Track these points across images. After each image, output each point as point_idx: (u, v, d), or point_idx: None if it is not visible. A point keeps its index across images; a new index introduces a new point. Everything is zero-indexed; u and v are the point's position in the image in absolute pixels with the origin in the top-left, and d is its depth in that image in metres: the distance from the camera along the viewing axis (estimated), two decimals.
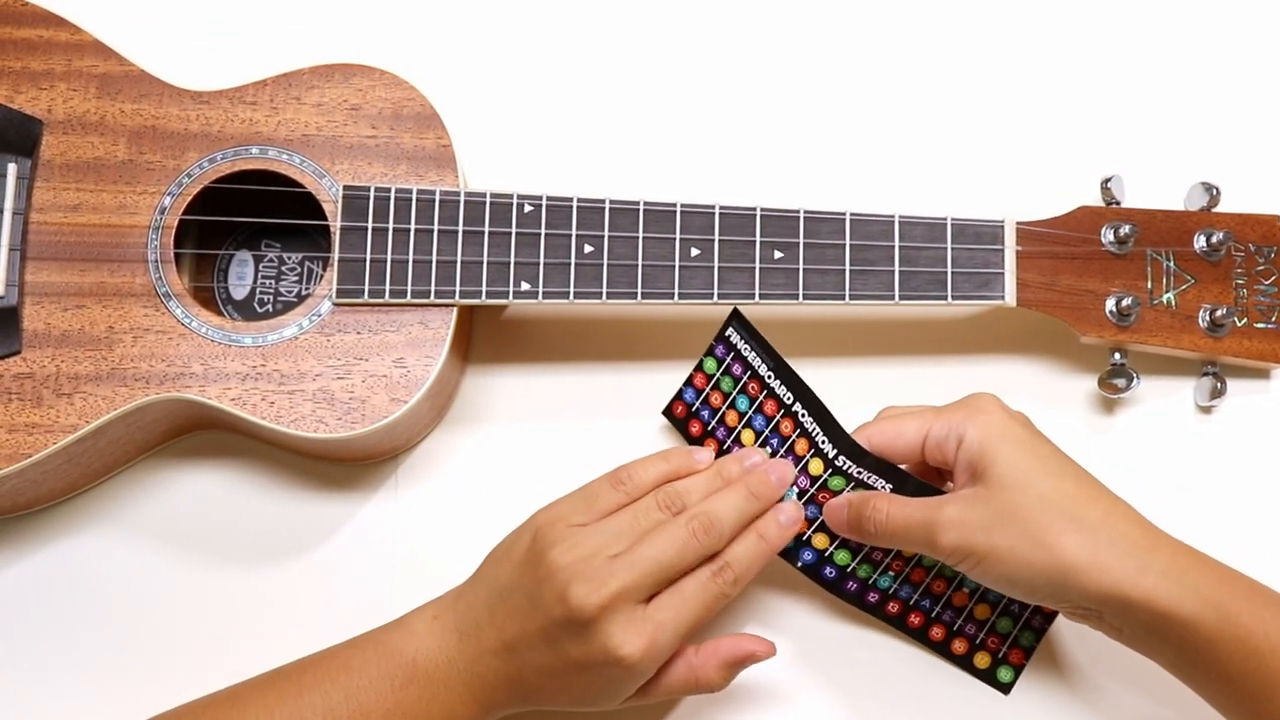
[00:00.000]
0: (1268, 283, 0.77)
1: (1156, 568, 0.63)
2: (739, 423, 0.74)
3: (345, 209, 0.73)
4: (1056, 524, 0.64)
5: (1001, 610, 0.74)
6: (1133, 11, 0.87)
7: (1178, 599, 0.63)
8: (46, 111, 0.74)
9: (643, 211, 0.74)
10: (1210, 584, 0.63)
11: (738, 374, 0.74)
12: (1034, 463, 0.66)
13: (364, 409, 0.71)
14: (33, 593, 0.77)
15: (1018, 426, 0.67)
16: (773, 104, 0.85)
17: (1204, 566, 0.64)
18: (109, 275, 0.72)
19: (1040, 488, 0.65)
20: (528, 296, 0.73)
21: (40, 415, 0.70)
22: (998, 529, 0.65)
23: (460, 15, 0.86)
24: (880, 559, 0.73)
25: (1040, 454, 0.67)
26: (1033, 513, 0.64)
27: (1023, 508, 0.65)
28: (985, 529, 0.65)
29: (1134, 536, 0.64)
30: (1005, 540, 0.65)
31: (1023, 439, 0.67)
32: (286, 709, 0.66)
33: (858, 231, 0.75)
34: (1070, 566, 0.64)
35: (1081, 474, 0.67)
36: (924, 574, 0.74)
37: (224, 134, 0.74)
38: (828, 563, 0.74)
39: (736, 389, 0.74)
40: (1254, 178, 0.82)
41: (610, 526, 0.67)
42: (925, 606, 0.74)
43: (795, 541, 0.73)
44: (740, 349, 0.74)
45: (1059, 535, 0.64)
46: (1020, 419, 0.68)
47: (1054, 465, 0.66)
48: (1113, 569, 0.63)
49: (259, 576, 0.78)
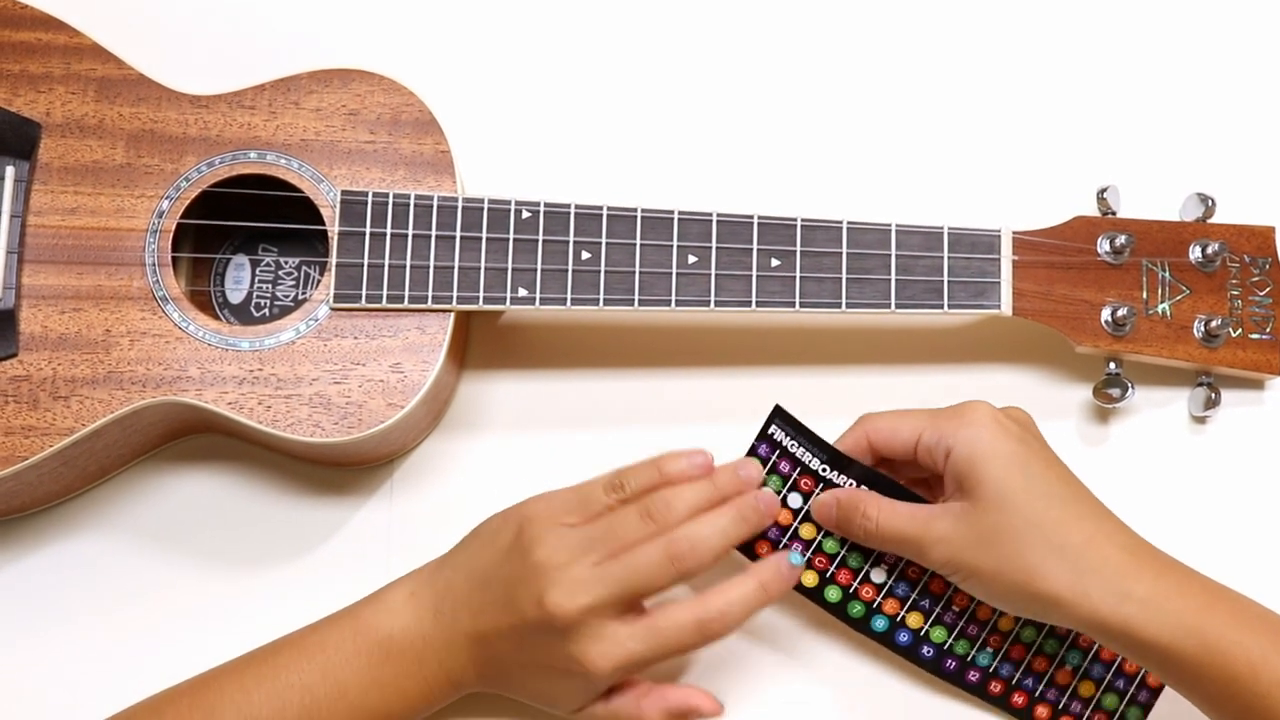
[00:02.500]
0: (1263, 294, 0.77)
1: (1137, 595, 0.63)
2: (794, 520, 0.73)
3: (343, 214, 0.73)
4: (1038, 550, 0.64)
5: (1106, 687, 0.74)
6: (1129, 22, 0.87)
7: (1156, 628, 0.63)
8: (45, 114, 0.74)
9: (640, 218, 0.74)
10: (1191, 610, 0.63)
11: (786, 471, 0.73)
12: (1021, 482, 0.66)
13: (360, 414, 0.71)
14: (28, 596, 0.77)
15: (1008, 441, 0.67)
16: (770, 112, 0.86)
17: (1186, 590, 0.64)
18: (106, 278, 0.72)
19: (1025, 511, 0.65)
20: (525, 302, 0.73)
21: (36, 418, 0.70)
22: (983, 549, 0.65)
23: (459, 21, 0.87)
24: (976, 634, 0.73)
25: (1030, 471, 0.66)
26: (1016, 537, 0.65)
27: (1006, 531, 0.65)
28: (971, 548, 0.65)
29: (1116, 562, 0.64)
30: (990, 562, 0.65)
31: (1012, 455, 0.66)
32: (264, 689, 0.67)
33: (854, 240, 0.75)
34: (1050, 595, 0.64)
35: (1069, 492, 0.67)
36: (1024, 650, 0.73)
37: (222, 138, 0.74)
38: (924, 642, 0.73)
39: (786, 487, 0.73)
40: (1249, 189, 0.82)
41: (595, 532, 0.67)
42: (1029, 686, 0.74)
43: (889, 623, 0.73)
44: (786, 445, 0.73)
45: (1040, 562, 0.64)
46: (1014, 430, 0.68)
47: (1041, 485, 0.66)
48: (1091, 597, 0.63)
49: (254, 580, 0.78)
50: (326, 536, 0.78)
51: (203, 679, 0.68)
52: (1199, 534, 0.78)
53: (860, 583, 0.73)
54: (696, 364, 0.81)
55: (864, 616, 0.73)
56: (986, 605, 0.72)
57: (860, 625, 0.73)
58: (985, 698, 0.74)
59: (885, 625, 0.73)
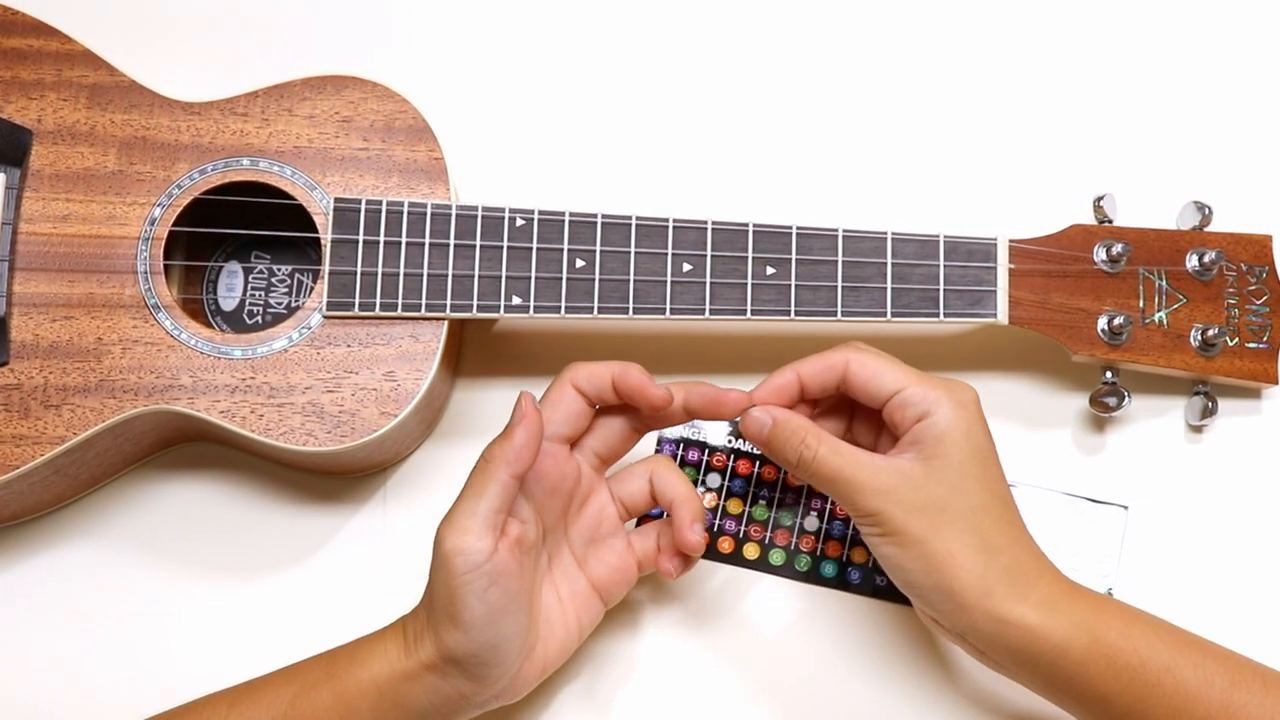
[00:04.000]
0: (1259, 302, 0.77)
1: (1034, 597, 0.65)
2: (719, 499, 0.77)
3: (336, 221, 0.73)
4: (966, 536, 0.65)
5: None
6: (1125, 30, 0.87)
7: (1049, 628, 0.64)
8: (36, 121, 0.73)
9: (635, 226, 0.74)
10: (1081, 611, 0.65)
11: (696, 459, 0.78)
12: (978, 471, 0.66)
13: (354, 422, 0.71)
14: (20, 605, 0.76)
15: (982, 433, 0.68)
16: (766, 120, 0.85)
17: (1078, 597, 0.66)
18: (98, 286, 0.72)
19: (972, 499, 0.66)
20: (519, 311, 0.73)
21: (28, 427, 0.70)
22: (917, 515, 0.65)
23: (453, 28, 0.86)
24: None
25: (988, 466, 0.67)
26: (953, 516, 0.65)
27: (947, 510, 0.65)
28: (905, 509, 0.65)
29: (1025, 567, 0.66)
30: (917, 530, 0.65)
31: (979, 444, 0.67)
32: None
33: (850, 248, 0.74)
34: (956, 581, 0.65)
35: (1008, 497, 0.68)
36: None
37: (215, 145, 0.74)
38: (876, 572, 0.77)
39: (702, 471, 0.78)
40: (1246, 197, 0.82)
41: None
42: None
43: (836, 565, 0.77)
44: (689, 435, 0.77)
45: (963, 548, 0.65)
46: (984, 420, 0.68)
47: (992, 484, 0.67)
48: (994, 593, 0.64)
49: (247, 589, 0.77)
50: (320, 544, 0.78)
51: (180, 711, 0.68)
52: (1196, 542, 0.78)
53: (798, 537, 0.77)
54: (691, 373, 0.81)
55: (811, 567, 0.77)
56: None
57: (810, 577, 0.77)
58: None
59: (834, 569, 0.77)
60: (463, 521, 0.64)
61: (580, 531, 0.71)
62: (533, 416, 0.66)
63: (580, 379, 0.69)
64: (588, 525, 0.71)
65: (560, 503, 0.69)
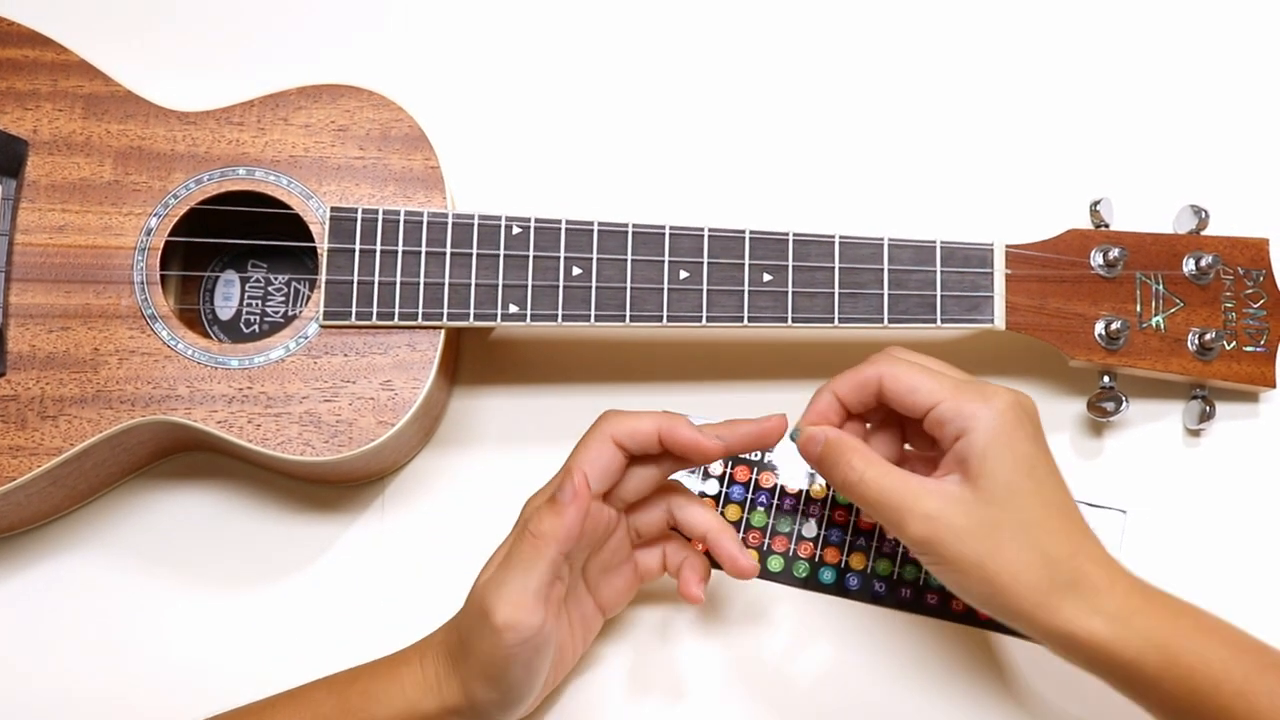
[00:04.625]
0: (1256, 306, 0.77)
1: (1106, 611, 0.62)
2: (718, 507, 0.78)
3: (332, 230, 0.73)
4: (1024, 555, 0.63)
5: None
6: (1121, 35, 0.87)
7: (1123, 642, 0.62)
8: (32, 132, 0.73)
9: (631, 234, 0.74)
10: (1156, 625, 0.62)
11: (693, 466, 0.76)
12: (1028, 484, 0.64)
13: (351, 432, 0.71)
14: (19, 616, 0.76)
15: (1024, 440, 0.65)
16: (762, 126, 0.85)
17: (1153, 607, 0.63)
18: (94, 297, 0.72)
19: (1024, 514, 0.64)
20: (516, 319, 0.73)
21: (25, 438, 0.70)
22: (969, 539, 0.63)
23: (448, 37, 0.86)
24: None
25: (1037, 475, 0.65)
26: (1007, 536, 0.63)
27: (999, 528, 0.63)
28: (957, 534, 0.63)
29: (1093, 579, 0.63)
30: (972, 554, 0.63)
31: (1025, 454, 0.64)
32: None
33: (847, 254, 0.74)
34: (1022, 603, 0.63)
35: (1065, 502, 0.65)
36: None
37: (210, 155, 0.74)
38: (873, 579, 0.76)
39: (699, 479, 0.78)
40: (1243, 201, 0.82)
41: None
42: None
43: (835, 572, 0.76)
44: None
45: (1024, 567, 0.63)
46: (1029, 429, 0.65)
47: (1045, 493, 0.65)
48: (1063, 611, 0.62)
49: (246, 598, 0.77)
50: (318, 553, 0.78)
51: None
52: (1194, 547, 0.78)
53: (796, 543, 0.77)
54: (688, 380, 0.81)
55: (810, 574, 0.76)
56: None
57: (809, 584, 0.76)
58: (950, 617, 0.76)
59: (832, 576, 0.76)
60: (516, 596, 0.63)
61: (597, 564, 0.71)
62: (584, 496, 0.65)
63: (622, 436, 0.67)
64: (604, 559, 0.71)
65: (589, 549, 0.69)
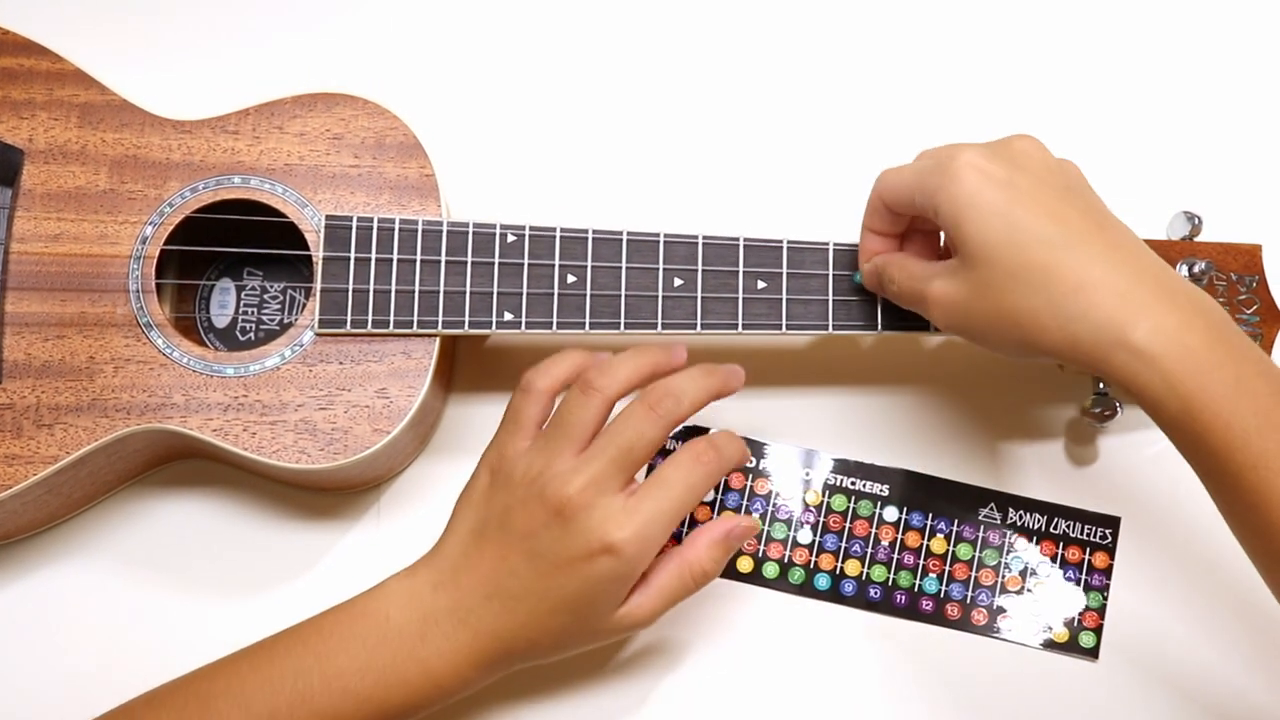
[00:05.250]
0: (1249, 312, 0.77)
1: (1131, 343, 0.60)
2: (713, 514, 0.78)
3: (328, 239, 0.73)
4: (1023, 300, 0.62)
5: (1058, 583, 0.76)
6: (1114, 41, 0.87)
7: (1144, 381, 0.60)
8: (27, 141, 0.73)
9: (626, 241, 0.74)
10: (1180, 372, 0.59)
11: None
12: (1003, 234, 0.62)
13: (346, 439, 0.71)
14: (13, 623, 0.76)
15: (989, 189, 0.63)
16: (756, 135, 0.86)
17: (1185, 341, 0.60)
18: (90, 305, 0.72)
19: (1006, 263, 0.62)
20: (511, 326, 0.73)
21: (20, 446, 0.70)
22: (975, 304, 0.64)
23: (443, 45, 0.86)
24: (915, 563, 0.75)
25: (1012, 219, 0.62)
26: (1001, 289, 0.62)
27: (991, 285, 0.63)
28: (964, 304, 0.64)
29: (1107, 309, 0.60)
30: (981, 316, 0.64)
31: (992, 206, 0.63)
32: (258, 676, 0.66)
33: (841, 262, 0.75)
34: (1045, 343, 0.62)
35: (1059, 235, 0.62)
36: (967, 569, 0.76)
37: (206, 163, 0.74)
38: (869, 585, 0.76)
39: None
40: (1236, 207, 0.82)
41: (553, 432, 0.67)
42: (984, 601, 0.76)
43: (830, 578, 0.76)
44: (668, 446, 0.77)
45: (1028, 312, 0.62)
46: (999, 175, 0.64)
47: (1024, 234, 0.62)
48: (1082, 344, 0.61)
49: (241, 606, 0.77)
50: (314, 561, 0.78)
51: (200, 671, 0.68)
52: (1188, 553, 0.78)
53: (791, 549, 0.77)
54: None
55: (805, 580, 0.77)
56: (915, 531, 0.76)
57: (804, 589, 0.77)
58: (945, 623, 0.76)
59: (828, 582, 0.77)
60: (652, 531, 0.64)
61: None
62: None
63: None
64: None
65: None
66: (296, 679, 0.65)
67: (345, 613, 0.68)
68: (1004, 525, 0.77)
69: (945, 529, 0.77)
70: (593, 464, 0.65)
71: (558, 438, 0.66)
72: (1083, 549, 0.77)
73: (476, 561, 0.66)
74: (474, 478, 0.69)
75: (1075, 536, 0.77)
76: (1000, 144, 0.66)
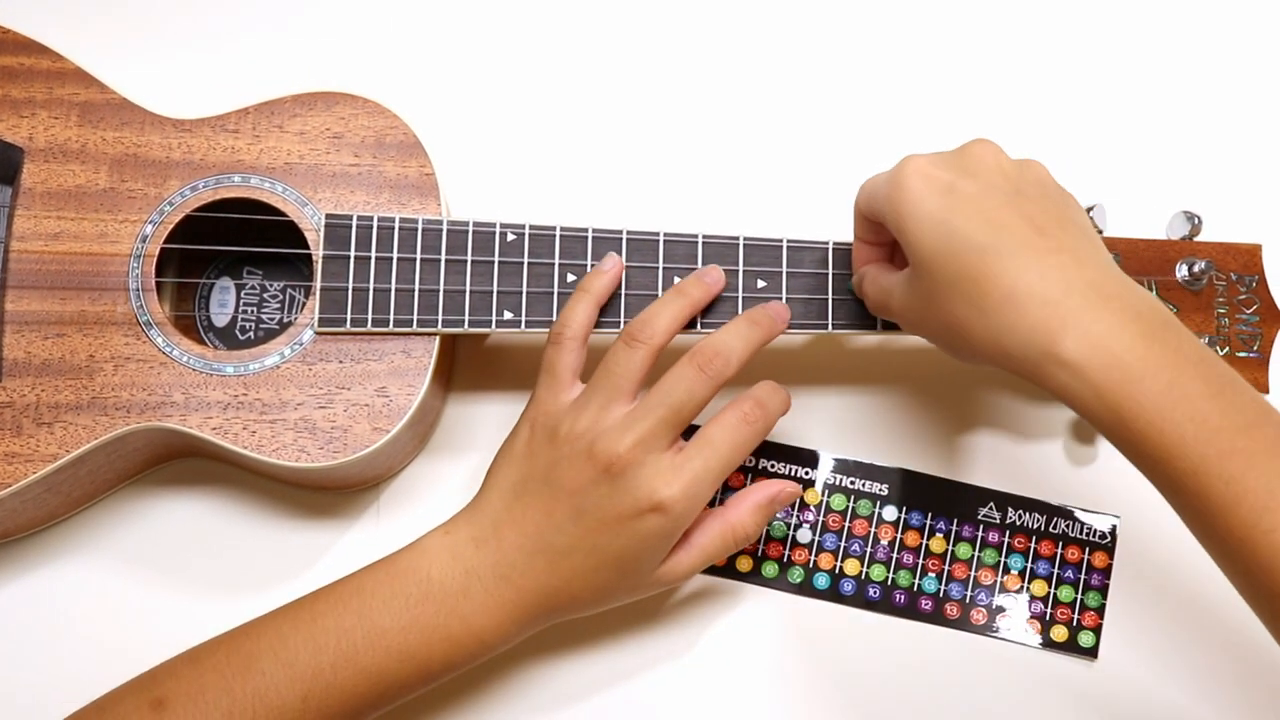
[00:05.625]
0: (1249, 311, 0.77)
1: (1061, 357, 0.59)
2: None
3: (327, 238, 0.73)
4: (960, 310, 0.61)
5: (1057, 582, 0.76)
6: (1114, 41, 0.87)
7: (1075, 396, 0.59)
8: (27, 139, 0.73)
9: (626, 240, 0.74)
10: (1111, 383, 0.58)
11: None
12: (941, 243, 0.62)
13: (346, 438, 0.71)
14: (13, 622, 0.76)
15: (930, 198, 0.63)
16: (756, 134, 0.86)
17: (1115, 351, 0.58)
18: (90, 304, 0.72)
19: (944, 272, 0.62)
20: (511, 325, 0.73)
21: (20, 444, 0.70)
22: (926, 314, 0.64)
23: (442, 44, 0.87)
24: (914, 562, 0.76)
25: (951, 228, 0.62)
26: (942, 298, 0.62)
27: (935, 294, 0.63)
28: (918, 314, 0.65)
29: (1034, 320, 0.59)
30: (932, 326, 0.65)
31: (932, 215, 0.62)
32: (300, 634, 0.65)
33: (840, 261, 0.75)
34: (980, 356, 0.62)
35: (997, 244, 0.61)
36: (966, 568, 0.76)
37: (206, 162, 0.74)
38: (868, 584, 0.76)
39: None
40: (1236, 207, 0.82)
41: (598, 385, 0.67)
42: (983, 600, 0.76)
43: (829, 577, 0.77)
44: None
45: (965, 321, 0.61)
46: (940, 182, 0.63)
47: (960, 241, 0.61)
48: (1014, 357, 0.60)
49: (241, 604, 0.77)
50: (314, 560, 0.78)
51: (242, 629, 0.67)
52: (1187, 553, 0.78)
53: (790, 548, 0.77)
54: None
55: (805, 579, 0.77)
56: (914, 531, 0.76)
57: (803, 589, 0.77)
58: (944, 623, 0.76)
59: (827, 581, 0.77)
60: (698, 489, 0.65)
61: None
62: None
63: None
64: None
65: None
66: (340, 638, 0.65)
67: (385, 571, 0.67)
68: (1003, 525, 0.77)
69: (944, 528, 0.77)
70: (642, 422, 0.65)
71: (605, 389, 0.67)
72: (1082, 549, 0.77)
73: (519, 517, 0.66)
74: (514, 432, 0.70)
75: (1074, 536, 0.77)
76: (956, 150, 0.66)
